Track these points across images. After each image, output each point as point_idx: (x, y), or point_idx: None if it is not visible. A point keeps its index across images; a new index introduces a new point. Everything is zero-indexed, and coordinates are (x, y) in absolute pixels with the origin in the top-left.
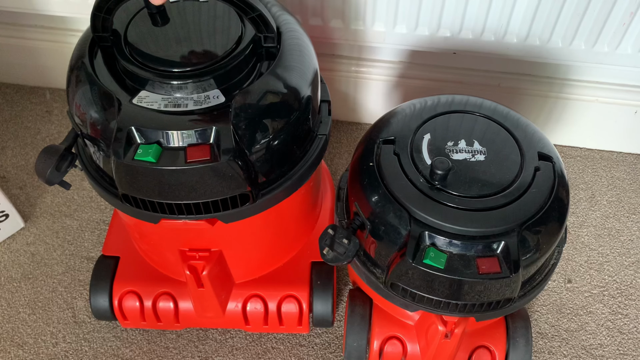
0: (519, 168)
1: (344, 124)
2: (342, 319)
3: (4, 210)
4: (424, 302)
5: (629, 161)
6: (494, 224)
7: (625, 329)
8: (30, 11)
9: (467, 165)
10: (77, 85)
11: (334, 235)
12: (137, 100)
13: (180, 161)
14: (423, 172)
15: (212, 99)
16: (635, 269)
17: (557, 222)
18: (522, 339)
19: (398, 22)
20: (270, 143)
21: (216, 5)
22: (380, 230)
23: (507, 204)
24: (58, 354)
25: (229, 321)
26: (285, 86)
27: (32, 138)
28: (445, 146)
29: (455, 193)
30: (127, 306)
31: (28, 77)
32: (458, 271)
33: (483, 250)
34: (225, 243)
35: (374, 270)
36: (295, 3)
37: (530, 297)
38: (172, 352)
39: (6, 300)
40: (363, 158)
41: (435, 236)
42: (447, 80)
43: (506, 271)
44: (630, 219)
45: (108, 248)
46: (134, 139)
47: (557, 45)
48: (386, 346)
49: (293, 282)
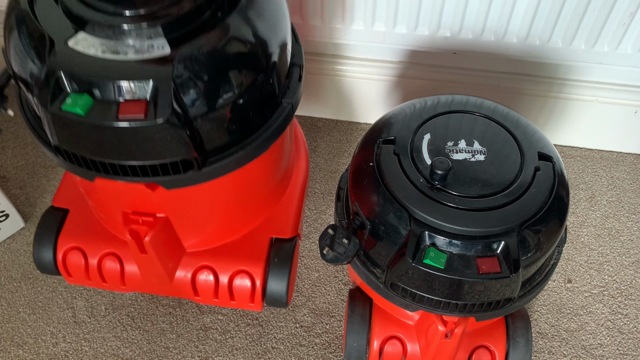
0: (519, 168)
1: (344, 123)
2: (342, 319)
3: (4, 210)
4: (424, 302)
5: (629, 161)
6: (494, 223)
7: (625, 329)
8: None
9: (467, 165)
10: (12, 21)
11: (334, 235)
12: (73, 43)
13: (111, 116)
14: (423, 172)
15: (157, 49)
16: (635, 269)
17: (557, 221)
18: (522, 339)
19: (398, 22)
20: (220, 106)
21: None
22: (380, 230)
23: (507, 204)
24: (58, 354)
25: (177, 290)
26: (242, 41)
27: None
28: (446, 146)
29: (455, 193)
30: (71, 262)
31: None
32: (458, 271)
33: (483, 250)
34: (171, 210)
35: (374, 270)
36: (295, 3)
37: (530, 297)
38: (172, 352)
39: (6, 300)
40: (363, 158)
41: (435, 236)
42: (447, 80)
43: (506, 271)
44: (630, 219)
45: (58, 199)
46: (63, 85)
47: (557, 45)
48: (386, 346)
49: (248, 257)
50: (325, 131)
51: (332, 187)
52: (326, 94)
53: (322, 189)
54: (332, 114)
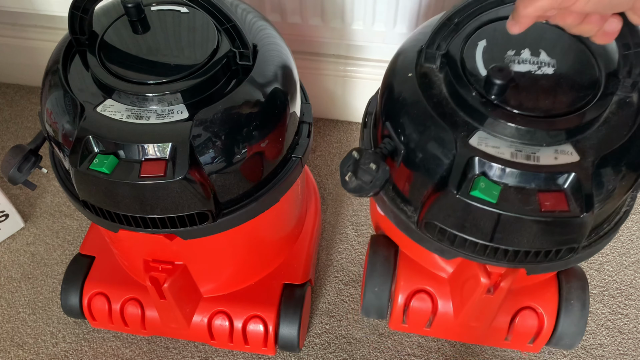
0: (595, 86)
1: (344, 123)
2: (342, 319)
3: (4, 210)
4: (465, 247)
5: None
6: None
7: (625, 329)
8: (30, 11)
9: (532, 79)
10: (48, 89)
11: (359, 160)
12: (102, 109)
13: (134, 175)
14: (476, 85)
15: (176, 113)
16: (635, 269)
17: (639, 155)
18: (577, 302)
19: (398, 22)
20: (233, 164)
21: (198, 16)
22: (418, 155)
23: (581, 129)
24: (58, 354)
25: (194, 334)
26: (254, 106)
27: (32, 138)
28: (505, 55)
29: (515, 111)
30: (96, 307)
31: (28, 77)
32: (515, 207)
33: (547, 182)
34: (188, 258)
35: (404, 207)
36: (295, 3)
37: (596, 248)
38: (172, 352)
39: (6, 300)
40: (400, 68)
41: (487, 162)
42: None
43: (575, 209)
44: (630, 218)
45: (86, 247)
46: (91, 147)
47: None
48: (413, 301)
49: (261, 302)
50: (325, 131)
51: (331, 187)
52: (326, 94)
53: (322, 190)
54: (332, 114)
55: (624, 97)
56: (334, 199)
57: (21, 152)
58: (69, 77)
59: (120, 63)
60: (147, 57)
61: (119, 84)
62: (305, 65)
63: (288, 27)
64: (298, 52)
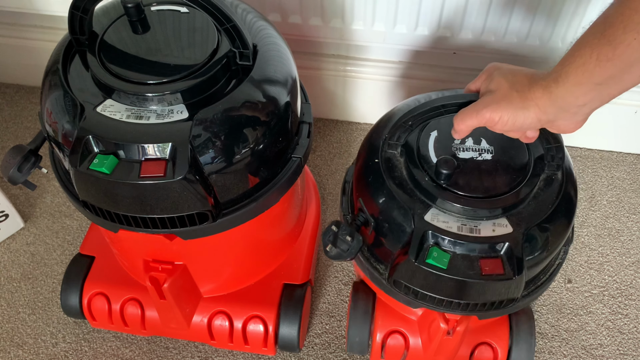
0: (526, 167)
1: (344, 123)
2: (342, 319)
3: (4, 210)
4: (426, 300)
5: (629, 161)
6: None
7: (625, 329)
8: (30, 11)
9: (474, 164)
10: (48, 89)
11: (337, 232)
12: (101, 109)
13: (133, 175)
14: (428, 171)
15: (176, 113)
16: (635, 269)
17: (564, 221)
18: (525, 337)
19: (398, 22)
20: (232, 164)
21: (198, 16)
22: (384, 227)
23: (514, 205)
24: (58, 354)
25: (194, 334)
26: (253, 106)
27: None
28: (452, 144)
29: (460, 193)
30: (96, 307)
31: (28, 77)
32: (461, 272)
33: (487, 251)
34: (188, 258)
35: (377, 266)
36: (295, 3)
37: (533, 296)
38: (172, 352)
39: (6, 300)
40: (368, 154)
41: (438, 235)
42: (447, 80)
43: (509, 273)
44: (630, 219)
45: (85, 247)
46: (91, 147)
47: (557, 45)
48: (389, 339)
49: (261, 302)
50: (325, 131)
51: (331, 187)
52: (326, 94)
53: (322, 190)
54: (332, 114)
55: (550, 174)
56: (334, 199)
57: (21, 152)
58: (69, 77)
59: (120, 63)
60: (147, 57)
61: (119, 84)
62: (305, 65)
63: (288, 27)
64: (298, 52)
